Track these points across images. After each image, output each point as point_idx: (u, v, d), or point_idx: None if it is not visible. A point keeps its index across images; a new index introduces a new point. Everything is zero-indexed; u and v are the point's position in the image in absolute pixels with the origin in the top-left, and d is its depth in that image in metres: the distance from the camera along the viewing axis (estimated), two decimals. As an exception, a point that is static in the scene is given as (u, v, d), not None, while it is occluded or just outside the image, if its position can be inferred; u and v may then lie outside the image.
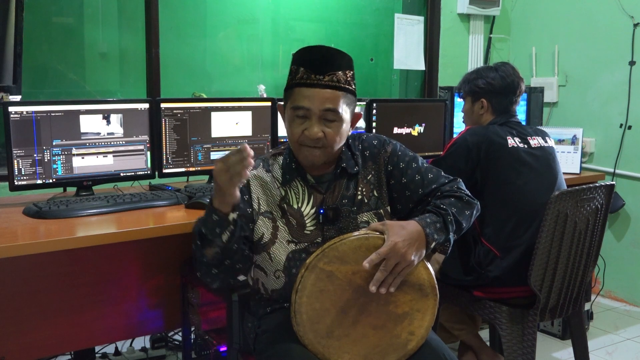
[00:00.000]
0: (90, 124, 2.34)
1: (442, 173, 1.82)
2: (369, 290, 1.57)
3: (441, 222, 1.67)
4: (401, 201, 1.80)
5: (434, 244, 1.64)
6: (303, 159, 1.73)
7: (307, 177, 1.78)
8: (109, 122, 2.38)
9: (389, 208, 1.81)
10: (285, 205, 1.76)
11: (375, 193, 1.80)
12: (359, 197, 1.78)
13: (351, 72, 1.73)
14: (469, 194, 1.79)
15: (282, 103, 1.81)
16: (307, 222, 1.75)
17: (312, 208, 1.76)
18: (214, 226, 1.60)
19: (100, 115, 2.36)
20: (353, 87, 1.73)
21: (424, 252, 1.63)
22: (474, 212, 1.78)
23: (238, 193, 1.60)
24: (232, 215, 1.61)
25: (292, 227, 1.75)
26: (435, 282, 1.65)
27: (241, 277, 1.79)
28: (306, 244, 1.74)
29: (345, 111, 1.71)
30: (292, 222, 1.75)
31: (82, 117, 2.32)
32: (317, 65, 1.68)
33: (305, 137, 1.68)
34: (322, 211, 1.74)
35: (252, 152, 1.55)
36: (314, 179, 1.78)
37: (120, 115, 2.40)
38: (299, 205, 1.76)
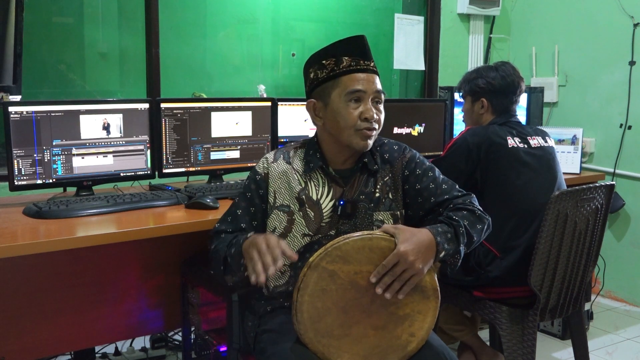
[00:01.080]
0: (90, 123, 2.33)
1: (457, 186, 1.83)
2: (374, 291, 1.56)
3: (452, 232, 1.67)
4: (413, 207, 1.82)
5: (443, 253, 1.63)
6: (358, 144, 1.75)
7: (328, 169, 1.80)
8: (109, 122, 2.38)
9: (403, 211, 1.82)
10: (304, 197, 1.78)
11: (390, 195, 1.81)
12: (377, 194, 1.80)
13: None
14: (481, 209, 1.79)
15: (315, 101, 1.79)
16: (324, 214, 1.77)
17: (330, 200, 1.78)
18: (239, 266, 1.66)
19: (101, 116, 2.36)
20: None
21: (432, 261, 1.62)
22: (485, 227, 1.77)
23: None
24: None
25: (309, 220, 1.77)
26: (437, 284, 1.64)
27: None
28: (320, 235, 1.76)
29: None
30: (310, 215, 1.77)
31: (82, 117, 2.32)
32: (363, 53, 1.77)
33: (363, 121, 1.73)
34: (342, 202, 1.77)
35: (279, 265, 1.54)
36: (334, 172, 1.81)
37: (120, 115, 2.40)
38: (318, 197, 1.78)
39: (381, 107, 1.78)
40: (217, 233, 1.82)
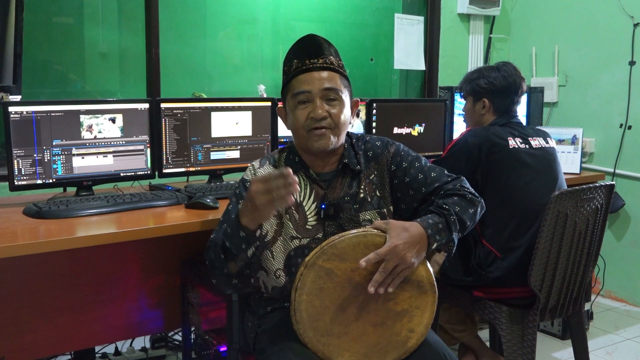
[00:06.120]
0: (90, 123, 2.33)
1: (445, 172, 1.83)
2: (368, 290, 1.57)
3: (443, 222, 1.67)
4: (405, 201, 1.81)
5: (435, 244, 1.64)
6: (313, 145, 1.73)
7: (310, 172, 1.79)
8: (109, 122, 2.38)
9: (391, 208, 1.82)
10: None
11: (377, 193, 1.80)
12: (362, 195, 1.79)
13: (341, 62, 1.79)
14: (473, 191, 1.79)
15: (281, 106, 1.84)
16: (308, 217, 1.76)
17: (313, 202, 1.77)
18: (240, 242, 1.60)
19: (101, 116, 2.36)
20: (346, 74, 1.78)
21: (425, 254, 1.63)
22: (478, 209, 1.77)
23: (272, 213, 1.58)
24: (259, 232, 1.62)
25: (295, 222, 1.77)
26: (434, 279, 1.65)
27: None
28: (308, 239, 1.75)
29: (344, 93, 1.75)
30: (295, 217, 1.77)
31: (82, 117, 2.32)
32: (309, 52, 1.74)
33: (312, 120, 1.71)
34: (323, 206, 1.76)
35: (295, 179, 1.51)
36: (316, 175, 1.79)
37: (120, 115, 2.40)
38: (301, 199, 1.78)
39: (338, 104, 1.73)
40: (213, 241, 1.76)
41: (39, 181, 2.26)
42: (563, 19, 4.14)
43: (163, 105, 2.49)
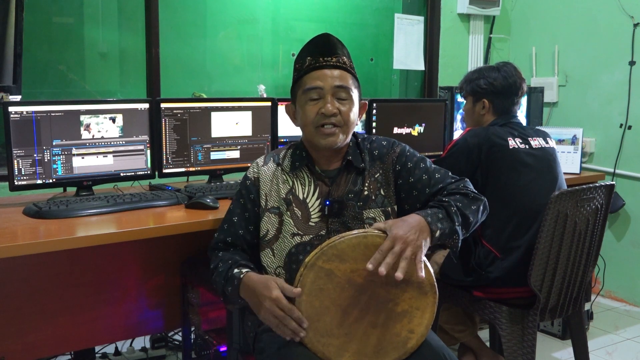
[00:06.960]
0: (90, 123, 2.33)
1: (450, 173, 1.84)
2: (372, 288, 1.57)
3: (443, 212, 1.68)
4: (409, 201, 1.82)
5: (438, 232, 1.64)
6: (320, 142, 1.75)
7: (314, 168, 1.81)
8: (109, 122, 2.38)
9: (396, 207, 1.82)
10: (291, 197, 1.79)
11: (382, 192, 1.82)
12: (366, 192, 1.80)
13: (353, 64, 1.81)
14: (476, 191, 1.80)
15: (289, 104, 1.85)
16: (312, 213, 1.77)
17: (317, 199, 1.78)
18: (237, 298, 1.71)
19: (101, 115, 2.36)
20: (357, 76, 1.80)
21: (430, 240, 1.62)
22: (481, 207, 1.78)
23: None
24: None
25: (297, 219, 1.77)
26: (434, 280, 1.65)
27: None
28: (311, 236, 1.76)
29: (354, 93, 1.77)
30: (297, 214, 1.77)
31: (82, 117, 2.32)
32: (323, 50, 1.76)
33: (322, 116, 1.72)
34: (327, 203, 1.77)
35: (302, 334, 1.58)
36: (321, 172, 1.81)
37: (120, 115, 2.40)
38: (305, 196, 1.79)
39: (348, 103, 1.75)
40: (216, 245, 1.82)
41: (39, 181, 2.26)
42: (563, 19, 4.14)
43: (163, 105, 2.49)
